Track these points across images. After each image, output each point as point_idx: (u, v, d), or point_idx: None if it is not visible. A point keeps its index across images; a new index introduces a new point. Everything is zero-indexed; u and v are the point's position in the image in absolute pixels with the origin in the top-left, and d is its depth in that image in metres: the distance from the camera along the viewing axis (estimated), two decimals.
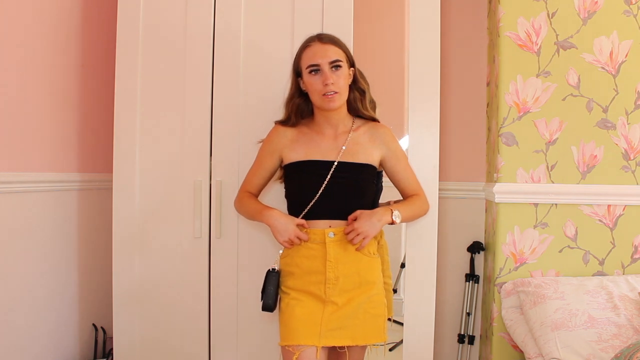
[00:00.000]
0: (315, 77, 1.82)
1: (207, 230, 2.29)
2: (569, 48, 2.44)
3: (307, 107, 1.94)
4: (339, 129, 1.91)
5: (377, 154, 1.91)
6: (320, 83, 1.81)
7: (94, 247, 2.63)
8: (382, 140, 1.92)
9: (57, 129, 2.40)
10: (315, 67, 1.82)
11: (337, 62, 1.83)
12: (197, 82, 2.29)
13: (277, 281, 1.87)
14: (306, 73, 1.84)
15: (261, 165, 1.96)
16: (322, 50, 1.83)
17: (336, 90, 1.81)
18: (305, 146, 1.89)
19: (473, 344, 2.72)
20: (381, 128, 1.95)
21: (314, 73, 1.82)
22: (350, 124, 1.92)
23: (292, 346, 1.79)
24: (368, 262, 1.87)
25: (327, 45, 1.84)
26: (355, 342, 1.83)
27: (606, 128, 2.44)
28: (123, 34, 2.31)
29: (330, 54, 1.82)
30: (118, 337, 2.34)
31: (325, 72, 1.81)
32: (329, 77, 1.80)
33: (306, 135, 1.91)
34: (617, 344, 1.97)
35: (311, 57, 1.83)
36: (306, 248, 1.84)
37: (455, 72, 2.77)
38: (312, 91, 1.84)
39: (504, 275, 2.47)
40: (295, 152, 1.90)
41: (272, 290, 1.85)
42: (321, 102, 1.84)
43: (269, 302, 1.85)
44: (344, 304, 1.82)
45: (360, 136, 1.91)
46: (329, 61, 1.82)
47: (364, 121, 1.95)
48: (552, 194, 2.44)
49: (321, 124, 1.91)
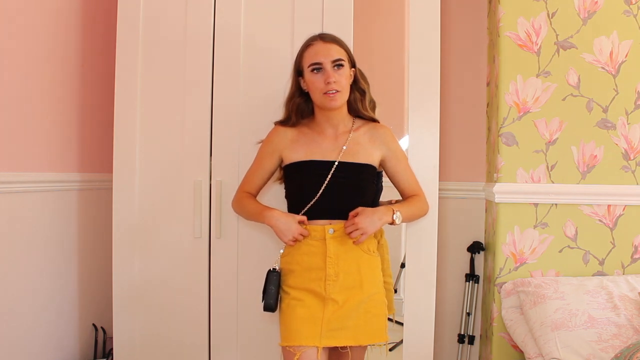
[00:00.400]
0: (317, 76, 1.82)
1: (207, 230, 2.29)
2: (569, 48, 2.44)
3: (307, 107, 1.94)
4: (339, 129, 1.91)
5: (377, 154, 1.91)
6: (322, 81, 1.81)
7: (94, 247, 2.63)
8: (382, 140, 1.93)
9: (57, 129, 2.40)
10: (318, 65, 1.82)
11: (339, 60, 1.83)
12: (197, 82, 2.29)
13: (278, 281, 1.86)
14: (308, 71, 1.84)
15: (260, 166, 1.96)
16: (324, 49, 1.83)
17: (338, 89, 1.82)
18: (306, 146, 1.89)
19: (473, 344, 2.72)
20: (381, 128, 1.95)
21: (316, 71, 1.83)
22: (350, 124, 1.93)
23: (293, 347, 1.79)
24: (368, 260, 1.87)
25: (330, 44, 1.85)
26: (357, 342, 1.83)
27: (606, 128, 2.44)
28: (123, 34, 2.31)
29: (333, 52, 1.83)
30: (118, 337, 2.34)
31: (328, 71, 1.81)
32: (332, 76, 1.81)
33: (306, 135, 1.91)
34: (617, 344, 1.97)
35: (314, 56, 1.83)
36: (306, 245, 1.85)
37: (455, 72, 2.77)
38: (313, 90, 1.84)
39: (504, 275, 2.47)
40: (295, 152, 1.90)
41: (274, 290, 1.85)
42: (323, 101, 1.84)
43: (271, 302, 1.84)
44: (344, 302, 1.82)
45: (360, 136, 1.91)
46: (332, 60, 1.82)
47: (364, 121, 1.95)
48: (552, 194, 2.44)
49: (322, 123, 1.91)
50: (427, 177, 2.16)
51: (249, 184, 1.98)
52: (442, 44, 2.21)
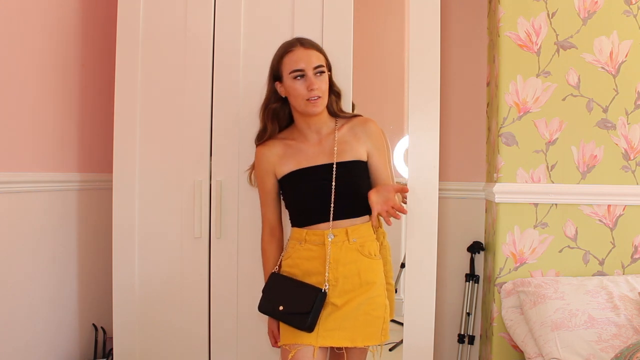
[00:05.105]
0: (299, 82, 1.82)
1: (207, 230, 2.29)
2: (569, 48, 2.44)
3: (284, 113, 1.93)
4: (322, 132, 1.91)
5: (363, 149, 1.90)
6: (305, 88, 1.81)
7: (94, 247, 2.63)
8: (367, 135, 1.91)
9: (57, 129, 2.40)
10: (300, 72, 1.81)
11: (320, 67, 1.83)
12: (197, 81, 2.29)
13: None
14: (290, 78, 1.83)
15: (265, 191, 1.95)
16: (306, 56, 1.82)
17: (320, 94, 1.82)
18: (293, 158, 1.89)
19: (473, 344, 2.72)
20: (366, 123, 1.93)
21: (299, 78, 1.82)
22: (333, 125, 1.92)
23: (289, 345, 1.80)
24: (369, 264, 1.86)
25: (310, 50, 1.84)
26: (354, 344, 1.82)
27: (606, 128, 2.44)
28: (123, 34, 2.31)
29: (314, 59, 1.83)
30: (118, 337, 2.34)
31: (310, 77, 1.81)
32: (314, 82, 1.80)
33: (292, 147, 1.91)
34: (617, 344, 1.97)
35: (295, 62, 1.82)
36: (306, 250, 1.85)
37: (455, 72, 2.77)
38: (295, 96, 1.83)
39: (504, 275, 2.47)
40: (285, 165, 1.89)
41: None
42: (305, 107, 1.83)
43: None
44: (343, 304, 1.81)
45: (345, 135, 1.90)
46: (313, 66, 1.82)
47: (345, 119, 1.94)
48: (552, 194, 2.44)
49: (304, 131, 1.91)
50: (427, 177, 2.16)
51: (267, 214, 1.98)
52: (442, 44, 2.21)
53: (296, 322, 1.78)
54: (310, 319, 1.75)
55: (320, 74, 1.83)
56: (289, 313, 1.80)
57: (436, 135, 2.19)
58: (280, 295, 1.84)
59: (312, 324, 1.76)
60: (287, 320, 1.81)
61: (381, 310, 1.86)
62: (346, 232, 1.83)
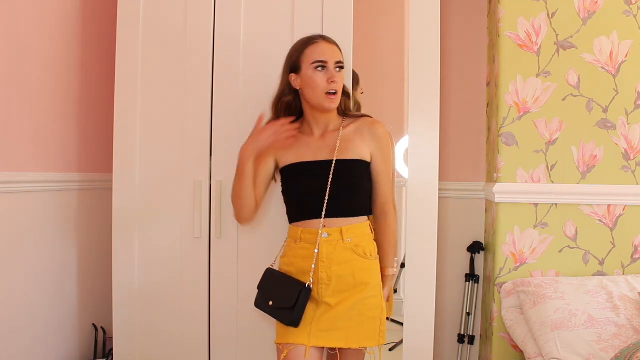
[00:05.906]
0: (320, 74, 1.82)
1: (207, 230, 2.29)
2: (569, 48, 2.44)
3: (295, 105, 1.92)
4: (328, 128, 1.90)
5: (367, 150, 1.88)
6: (326, 80, 1.81)
7: (94, 247, 2.63)
8: (373, 136, 1.89)
9: (57, 129, 2.40)
10: (323, 63, 1.82)
11: (340, 63, 1.85)
12: (197, 81, 2.29)
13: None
14: (311, 68, 1.82)
15: (257, 172, 1.94)
16: (330, 49, 1.84)
17: (338, 89, 1.83)
18: (296, 150, 1.89)
19: (473, 344, 2.72)
20: (374, 124, 1.91)
21: (320, 69, 1.82)
22: (339, 123, 1.92)
23: (282, 344, 1.81)
24: (364, 264, 1.85)
25: (333, 45, 1.87)
26: (348, 345, 1.81)
27: (606, 128, 2.44)
28: (123, 34, 2.31)
29: (336, 54, 1.85)
30: (118, 337, 2.34)
31: (331, 70, 1.82)
32: (335, 75, 1.82)
33: (297, 139, 1.90)
34: (617, 344, 1.97)
35: (320, 54, 1.83)
36: (301, 248, 1.85)
37: (455, 72, 2.78)
38: (314, 87, 1.83)
39: (504, 275, 2.47)
40: (287, 155, 1.89)
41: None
42: (322, 101, 1.83)
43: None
44: (337, 304, 1.81)
45: (350, 133, 1.89)
46: (335, 61, 1.84)
47: (353, 119, 1.93)
48: (552, 194, 2.44)
49: (311, 124, 1.91)
50: (427, 177, 2.16)
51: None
52: (442, 44, 2.21)
53: (283, 318, 1.79)
54: (295, 314, 1.76)
55: (340, 69, 1.85)
56: (277, 308, 1.81)
57: (436, 135, 2.19)
58: (271, 290, 1.85)
59: (297, 319, 1.76)
60: (276, 315, 1.82)
61: (376, 311, 1.84)
62: (341, 231, 1.82)
